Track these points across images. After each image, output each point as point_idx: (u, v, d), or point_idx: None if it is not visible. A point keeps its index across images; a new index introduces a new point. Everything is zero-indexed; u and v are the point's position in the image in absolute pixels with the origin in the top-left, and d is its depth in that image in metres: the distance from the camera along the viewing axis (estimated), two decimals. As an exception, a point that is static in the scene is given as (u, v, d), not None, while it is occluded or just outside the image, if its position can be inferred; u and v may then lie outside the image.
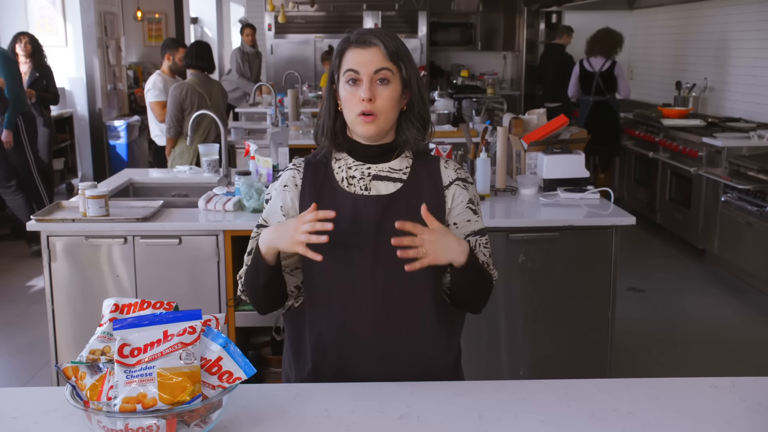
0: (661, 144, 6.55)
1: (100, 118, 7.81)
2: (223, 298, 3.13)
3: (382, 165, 1.75)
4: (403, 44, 1.72)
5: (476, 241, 1.79)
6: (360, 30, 1.72)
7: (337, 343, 1.73)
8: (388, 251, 1.68)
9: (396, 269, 1.68)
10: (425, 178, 1.76)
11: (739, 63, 6.59)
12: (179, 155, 5.06)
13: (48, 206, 3.26)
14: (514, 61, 10.61)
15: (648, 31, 8.61)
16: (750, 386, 1.64)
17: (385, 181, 1.74)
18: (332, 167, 1.76)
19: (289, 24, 9.85)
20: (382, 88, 1.67)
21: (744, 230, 5.21)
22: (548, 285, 3.26)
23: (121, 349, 1.34)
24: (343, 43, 1.71)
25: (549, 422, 1.49)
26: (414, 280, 1.71)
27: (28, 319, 4.61)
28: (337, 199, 1.72)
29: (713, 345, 4.31)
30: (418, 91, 1.72)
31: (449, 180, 1.77)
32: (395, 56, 1.67)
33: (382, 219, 1.70)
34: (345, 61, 1.69)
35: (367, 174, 1.74)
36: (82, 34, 7.62)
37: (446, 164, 1.80)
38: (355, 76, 1.67)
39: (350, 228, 1.69)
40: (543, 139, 3.73)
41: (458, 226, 1.78)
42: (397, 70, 1.68)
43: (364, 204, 1.71)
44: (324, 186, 1.74)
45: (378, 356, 1.72)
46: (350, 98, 1.68)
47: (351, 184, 1.73)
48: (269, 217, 1.78)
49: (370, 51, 1.67)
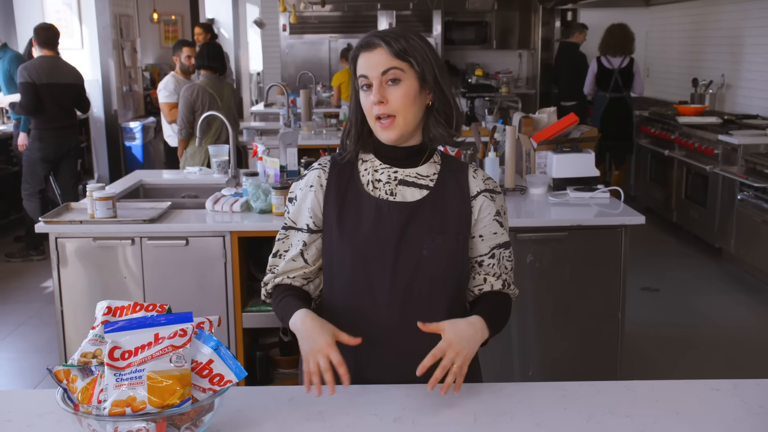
0: (677, 142, 6.48)
1: (115, 119, 7.86)
2: (230, 298, 3.13)
3: (409, 170, 1.72)
4: (414, 39, 1.65)
5: (500, 254, 1.77)
6: (370, 32, 1.69)
7: (354, 349, 1.70)
8: (408, 259, 1.67)
9: (416, 278, 1.67)
10: (452, 186, 1.72)
11: (756, 59, 6.50)
12: (191, 156, 5.08)
13: (57, 208, 3.28)
14: (529, 59, 10.55)
15: (664, 27, 8.53)
16: (752, 389, 1.61)
17: (412, 187, 1.71)
18: (358, 169, 1.74)
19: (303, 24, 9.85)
20: (394, 88, 1.63)
21: (761, 229, 5.14)
22: (557, 285, 3.23)
23: (111, 352, 1.33)
24: (354, 50, 1.68)
25: (545, 425, 1.47)
26: (433, 288, 1.69)
27: (42, 319, 4.65)
28: (361, 203, 1.69)
29: (729, 346, 4.25)
30: (437, 85, 1.67)
31: (477, 190, 1.74)
32: (402, 53, 1.62)
33: (405, 226, 1.67)
34: (358, 68, 1.67)
35: (393, 178, 1.71)
36: (97, 36, 7.67)
37: (475, 173, 1.76)
38: (366, 81, 1.64)
39: (372, 234, 1.67)
40: (553, 138, 3.71)
41: (484, 239, 1.75)
42: (408, 66, 1.63)
43: (388, 210, 1.68)
44: (349, 188, 1.71)
45: (395, 363, 1.70)
46: (366, 103, 1.66)
47: (376, 188, 1.71)
48: (297, 217, 1.75)
49: (376, 53, 1.63)
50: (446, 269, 1.70)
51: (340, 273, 1.70)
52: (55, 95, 5.61)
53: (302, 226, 1.74)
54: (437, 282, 1.69)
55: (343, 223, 1.69)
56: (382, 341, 1.70)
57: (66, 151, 5.83)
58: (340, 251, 1.69)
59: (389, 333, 1.69)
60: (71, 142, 5.89)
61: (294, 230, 1.76)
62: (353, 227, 1.68)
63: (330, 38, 9.93)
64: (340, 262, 1.70)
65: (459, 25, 10.29)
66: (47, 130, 5.66)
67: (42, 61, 5.62)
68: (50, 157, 5.74)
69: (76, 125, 6.04)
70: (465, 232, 1.72)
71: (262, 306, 3.17)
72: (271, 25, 10.40)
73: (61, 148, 5.78)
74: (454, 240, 1.70)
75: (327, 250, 1.72)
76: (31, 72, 5.50)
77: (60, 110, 5.70)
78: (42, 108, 5.57)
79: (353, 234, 1.68)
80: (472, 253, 1.76)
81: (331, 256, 1.71)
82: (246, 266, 3.27)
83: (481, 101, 6.10)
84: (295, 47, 10.03)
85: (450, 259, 1.70)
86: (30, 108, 5.54)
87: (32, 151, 5.71)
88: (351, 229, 1.68)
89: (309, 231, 1.73)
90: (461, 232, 1.71)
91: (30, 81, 5.47)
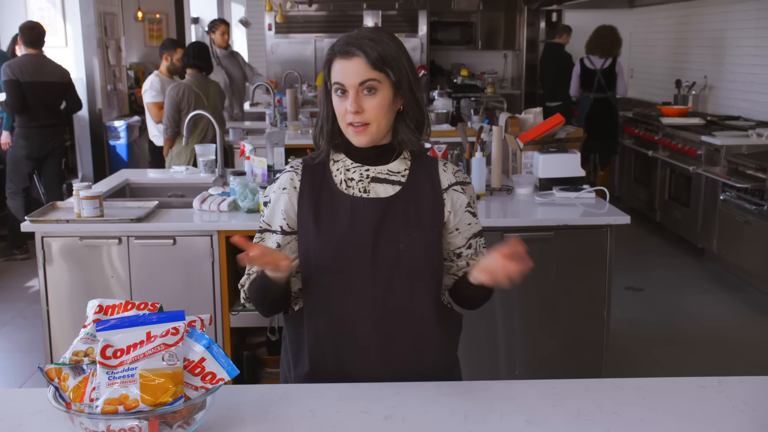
0: (661, 143, 6.54)
1: (100, 118, 7.81)
2: (217, 298, 3.13)
3: (380, 167, 1.74)
4: (391, 47, 1.65)
5: (476, 242, 1.80)
6: (346, 37, 1.67)
7: (335, 345, 1.73)
8: (387, 254, 1.68)
9: (395, 272, 1.69)
10: (424, 180, 1.75)
11: (739, 61, 6.57)
12: (176, 155, 5.06)
13: (43, 207, 3.26)
14: (514, 60, 10.59)
15: (648, 29, 8.60)
16: (737, 386, 1.64)
17: (384, 183, 1.73)
18: (330, 169, 1.75)
19: (289, 24, 9.83)
20: (370, 97, 1.64)
21: (743, 229, 5.19)
22: (543, 285, 3.25)
23: (103, 351, 1.34)
24: (330, 53, 1.68)
25: (534, 422, 1.48)
26: (413, 283, 1.71)
27: (26, 318, 4.62)
28: (336, 202, 1.71)
29: (712, 344, 4.30)
30: (411, 93, 1.70)
31: (447, 183, 1.76)
32: (380, 63, 1.63)
33: (381, 222, 1.69)
34: (333, 72, 1.67)
35: (365, 176, 1.73)
36: (81, 35, 7.62)
37: (445, 167, 1.79)
38: (341, 87, 1.65)
39: (349, 231, 1.69)
40: (539, 138, 3.73)
41: (461, 231, 1.78)
42: (385, 76, 1.64)
43: (364, 207, 1.70)
44: (322, 188, 1.73)
45: (377, 359, 1.72)
46: (340, 108, 1.67)
47: (350, 187, 1.72)
48: (271, 220, 1.77)
49: (353, 62, 1.63)
50: (423, 262, 1.72)
51: (319, 272, 1.71)
52: (39, 93, 5.58)
53: (276, 228, 1.76)
54: (416, 275, 1.71)
55: (320, 222, 1.70)
56: (365, 335, 1.71)
57: (50, 149, 5.80)
58: (319, 250, 1.70)
59: (371, 327, 1.71)
60: (56, 140, 5.86)
61: (269, 232, 1.77)
62: (330, 225, 1.70)
63: (315, 38, 9.92)
64: (319, 260, 1.71)
65: (444, 25, 10.31)
66: (32, 128, 5.63)
67: (27, 59, 5.59)
68: (34, 155, 5.71)
69: (61, 124, 6.01)
70: (439, 225, 1.74)
71: (249, 306, 3.16)
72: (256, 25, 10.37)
73: (46, 146, 5.74)
74: (429, 233, 1.72)
75: (304, 249, 1.73)
76: (14, 69, 5.48)
77: (45, 109, 5.67)
78: (27, 106, 5.54)
79: (330, 232, 1.69)
80: (449, 246, 1.79)
81: (308, 256, 1.72)
82: (233, 266, 3.27)
83: (467, 101, 6.12)
84: (280, 47, 10.00)
85: (427, 252, 1.72)
86: (15, 106, 5.50)
87: (16, 149, 5.68)
88: (328, 228, 1.70)
89: (283, 233, 1.75)
90: (435, 225, 1.74)
91: (14, 78, 5.44)
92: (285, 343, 1.86)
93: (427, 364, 1.75)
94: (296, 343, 1.80)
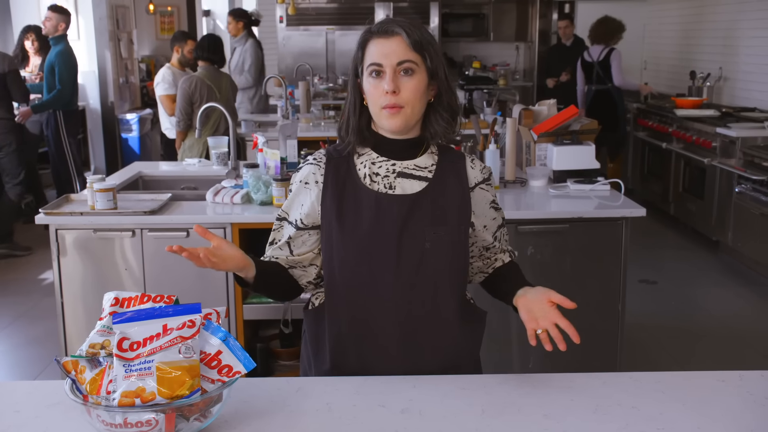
0: (675, 135, 6.49)
1: (112, 111, 7.84)
2: (230, 290, 3.13)
3: (407, 162, 1.71)
4: (428, 33, 1.65)
5: (501, 234, 1.84)
6: (382, 20, 1.67)
7: (357, 344, 1.70)
8: (411, 253, 1.66)
9: (419, 272, 1.67)
10: (451, 177, 1.72)
11: (754, 52, 6.51)
12: (189, 148, 5.06)
13: (56, 200, 3.26)
14: (526, 51, 10.53)
15: (662, 20, 8.52)
16: (758, 380, 1.62)
17: (410, 179, 1.70)
18: (355, 163, 1.72)
19: (300, 16, 9.80)
20: (407, 79, 1.61)
21: (758, 221, 5.15)
22: (558, 277, 3.24)
23: (120, 343, 1.33)
24: (365, 35, 1.66)
25: (552, 416, 1.47)
26: (438, 283, 1.69)
27: (40, 311, 4.63)
28: (360, 198, 1.67)
29: (726, 337, 4.27)
30: (446, 81, 1.67)
31: (475, 182, 1.75)
32: (419, 46, 1.61)
33: (406, 219, 1.66)
34: (368, 53, 1.64)
35: (392, 171, 1.70)
36: (94, 28, 7.64)
37: (473, 164, 1.76)
38: (378, 68, 1.62)
39: (373, 227, 1.66)
40: (553, 130, 3.70)
41: (487, 228, 1.79)
42: (422, 60, 1.62)
43: (388, 203, 1.67)
44: (346, 183, 1.69)
45: (399, 355, 1.70)
46: (374, 91, 1.63)
47: (374, 182, 1.69)
48: (289, 210, 1.76)
49: (393, 41, 1.61)
50: (449, 261, 1.70)
51: (342, 269, 1.68)
52: None
53: (292, 220, 1.74)
54: (441, 274, 1.69)
55: (343, 219, 1.67)
56: (387, 335, 1.69)
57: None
58: (342, 247, 1.68)
59: (395, 326, 1.69)
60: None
61: (286, 222, 1.76)
62: (354, 223, 1.67)
63: (327, 30, 9.90)
64: (342, 258, 1.68)
65: (456, 17, 10.25)
66: None
67: None
68: None
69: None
70: (466, 223, 1.72)
71: (262, 298, 3.17)
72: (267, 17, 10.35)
73: None
74: (456, 231, 1.70)
75: (327, 246, 1.71)
76: None
77: None
78: None
79: (354, 230, 1.66)
80: (479, 243, 1.78)
81: (331, 252, 1.70)
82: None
83: (480, 93, 6.07)
84: (292, 39, 9.99)
85: (453, 251, 1.70)
86: None
87: None
88: (351, 225, 1.67)
89: (296, 227, 1.73)
90: (462, 223, 1.71)
91: None
92: (305, 338, 1.84)
93: (450, 365, 1.73)
94: (317, 338, 1.77)
